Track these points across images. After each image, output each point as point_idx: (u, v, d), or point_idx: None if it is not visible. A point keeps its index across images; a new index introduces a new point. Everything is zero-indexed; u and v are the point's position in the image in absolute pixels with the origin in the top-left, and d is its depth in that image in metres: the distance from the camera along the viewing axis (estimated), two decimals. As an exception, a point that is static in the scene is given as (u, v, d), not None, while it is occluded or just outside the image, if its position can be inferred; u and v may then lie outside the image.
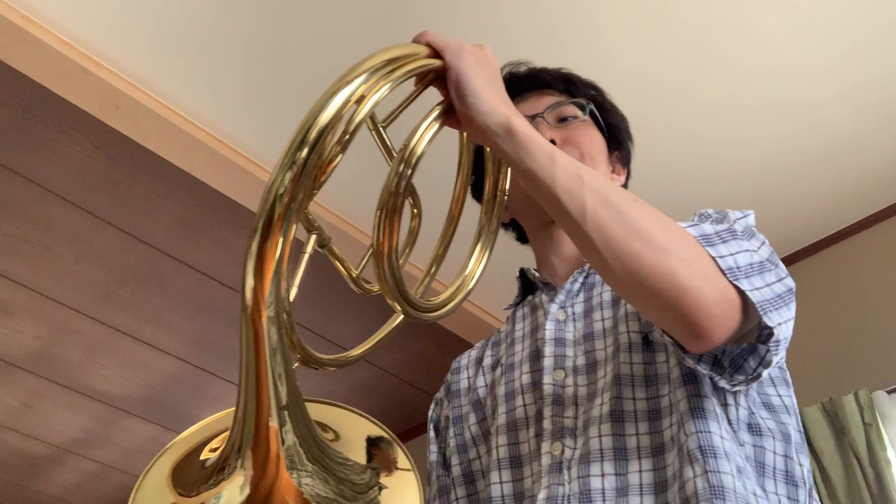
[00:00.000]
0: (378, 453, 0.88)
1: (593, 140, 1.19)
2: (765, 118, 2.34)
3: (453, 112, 0.88)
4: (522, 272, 1.21)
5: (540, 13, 2.10)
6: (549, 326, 1.07)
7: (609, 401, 0.96)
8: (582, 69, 1.28)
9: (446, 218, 0.98)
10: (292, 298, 0.78)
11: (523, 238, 1.30)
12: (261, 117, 2.34)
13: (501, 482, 1.01)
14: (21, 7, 2.02)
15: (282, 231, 0.70)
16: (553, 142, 1.13)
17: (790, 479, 0.93)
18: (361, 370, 3.19)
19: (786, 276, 0.93)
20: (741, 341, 0.89)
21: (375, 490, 0.84)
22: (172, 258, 2.71)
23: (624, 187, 1.25)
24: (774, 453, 0.94)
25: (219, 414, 0.86)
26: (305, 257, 0.82)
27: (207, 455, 0.81)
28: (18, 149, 2.32)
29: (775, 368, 1.00)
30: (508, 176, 1.02)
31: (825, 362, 2.45)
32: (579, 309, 1.08)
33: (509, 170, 1.01)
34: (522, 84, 1.22)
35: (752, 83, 2.25)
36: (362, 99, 0.77)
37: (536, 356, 1.07)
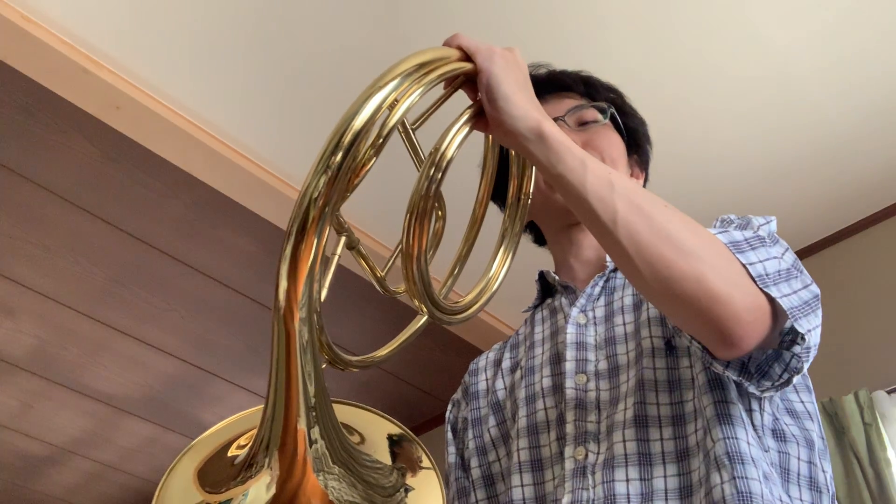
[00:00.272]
0: (401, 453, 0.89)
1: (613, 144, 1.18)
2: (764, 118, 2.34)
3: (483, 115, 0.88)
4: (542, 275, 1.20)
5: (540, 13, 2.10)
6: (570, 330, 1.07)
7: (633, 405, 0.96)
8: (582, 68, 1.27)
9: (469, 219, 0.99)
10: (323, 299, 0.79)
11: (541, 240, 1.30)
12: (261, 117, 2.33)
13: (522, 485, 1.01)
14: (21, 7, 2.01)
15: (316, 234, 0.71)
16: None
17: (814, 486, 0.93)
18: (361, 370, 3.18)
19: (811, 283, 0.93)
20: (764, 348, 0.89)
21: (402, 492, 0.85)
22: (172, 258, 2.70)
23: None
24: (799, 459, 0.94)
25: (244, 412, 0.87)
26: (335, 259, 0.82)
27: (235, 452, 0.82)
28: (18, 149, 2.30)
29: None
30: (532, 179, 1.01)
31: (825, 362, 2.44)
32: (600, 313, 1.08)
33: (534, 172, 1.01)
34: (542, 86, 1.20)
35: (752, 83, 2.26)
36: (395, 103, 0.77)
37: (557, 360, 1.06)
